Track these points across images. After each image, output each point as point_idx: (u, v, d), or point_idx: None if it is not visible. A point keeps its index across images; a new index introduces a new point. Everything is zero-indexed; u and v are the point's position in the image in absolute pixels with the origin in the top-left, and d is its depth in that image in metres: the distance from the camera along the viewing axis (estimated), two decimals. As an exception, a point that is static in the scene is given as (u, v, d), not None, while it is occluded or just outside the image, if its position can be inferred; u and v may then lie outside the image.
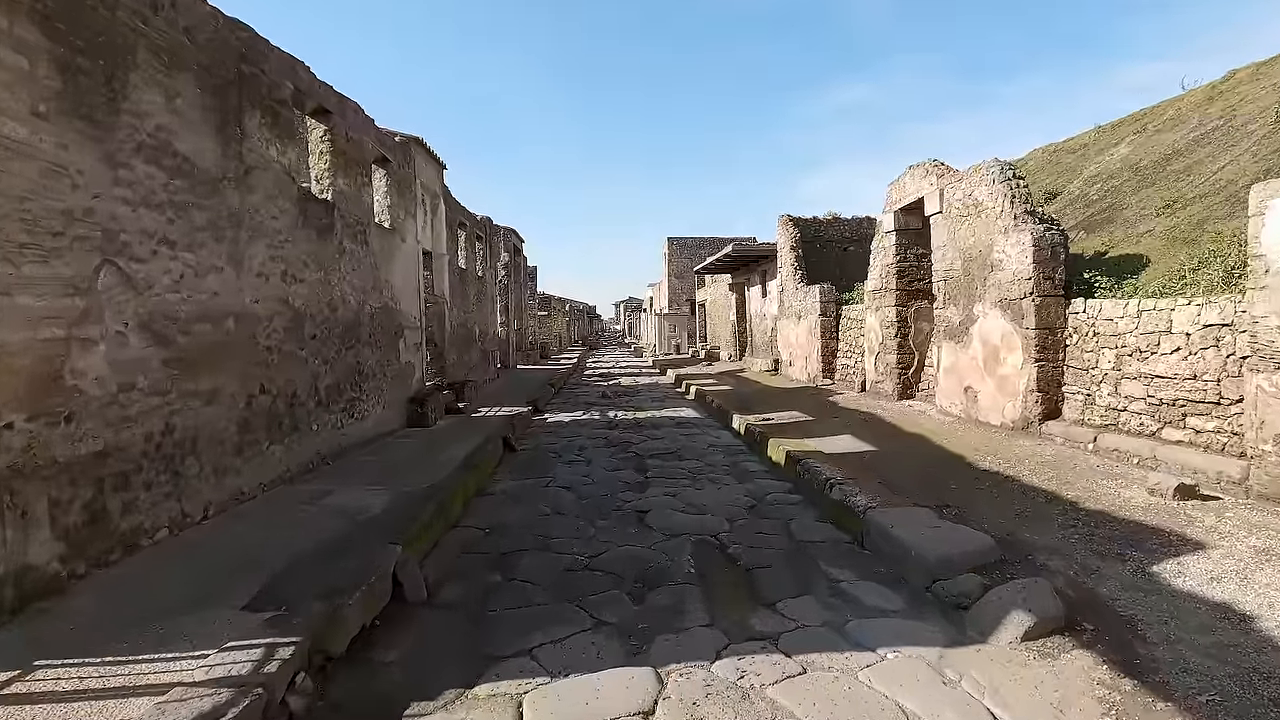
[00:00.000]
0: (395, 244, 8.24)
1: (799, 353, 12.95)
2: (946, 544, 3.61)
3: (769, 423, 8.10)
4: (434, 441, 7.39)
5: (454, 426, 8.50)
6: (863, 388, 9.88)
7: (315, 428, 5.87)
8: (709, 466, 6.50)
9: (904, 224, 8.69)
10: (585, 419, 10.04)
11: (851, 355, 11.00)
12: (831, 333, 11.61)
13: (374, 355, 7.41)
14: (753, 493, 5.48)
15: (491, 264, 15.31)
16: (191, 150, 4.18)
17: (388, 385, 7.82)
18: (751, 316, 17.95)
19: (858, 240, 14.86)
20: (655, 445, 7.66)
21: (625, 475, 6.18)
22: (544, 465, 6.74)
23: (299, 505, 4.61)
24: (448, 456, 6.50)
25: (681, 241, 33.31)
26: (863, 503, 4.41)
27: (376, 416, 7.42)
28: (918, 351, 8.70)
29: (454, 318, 11.48)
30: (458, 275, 11.95)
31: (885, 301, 9.00)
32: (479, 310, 13.72)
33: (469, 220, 13.02)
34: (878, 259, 9.26)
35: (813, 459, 5.78)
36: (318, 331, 5.95)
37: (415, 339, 8.98)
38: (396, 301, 8.22)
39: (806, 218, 14.55)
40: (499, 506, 5.25)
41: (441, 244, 10.72)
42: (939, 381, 7.62)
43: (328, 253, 6.19)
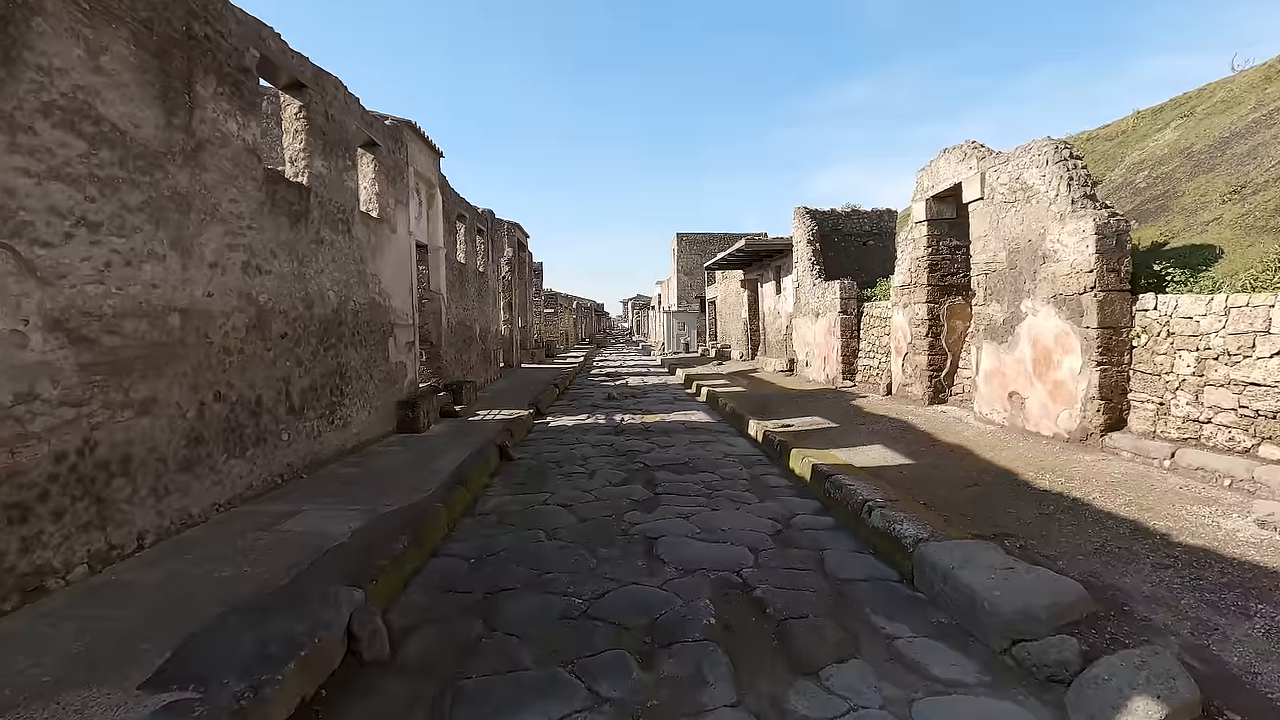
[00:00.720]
0: (384, 235, 7.62)
1: (817, 352, 12.26)
2: (1024, 592, 2.94)
3: (789, 429, 7.43)
4: (424, 450, 6.77)
5: (448, 432, 7.88)
6: (888, 391, 9.18)
7: (287, 437, 5.25)
8: (725, 481, 5.84)
9: (937, 213, 7.98)
10: (590, 423, 9.40)
11: (875, 356, 10.30)
12: (852, 332, 10.91)
13: (359, 355, 6.79)
14: (777, 514, 4.82)
15: (494, 259, 14.69)
16: (123, 118, 3.55)
17: (375, 388, 7.21)
18: (765, 314, 17.24)
19: (878, 234, 14.15)
20: (665, 455, 7.01)
21: (632, 491, 5.53)
22: (542, 478, 6.10)
23: (255, 531, 3.98)
24: (437, 467, 5.88)
25: (691, 237, 32.59)
26: (911, 533, 3.75)
27: (362, 422, 6.81)
28: (951, 352, 8.00)
29: (451, 315, 10.86)
30: (456, 270, 11.33)
31: (915, 298, 8.30)
32: (479, 307, 13.10)
33: (469, 213, 12.40)
34: (906, 252, 8.56)
35: (843, 474, 5.11)
36: (289, 330, 5.34)
37: (407, 338, 8.37)
38: (386, 297, 7.60)
39: (824, 210, 13.83)
40: (489, 530, 4.61)
41: (438, 237, 10.10)
42: (978, 386, 6.92)
43: (302, 242, 5.57)
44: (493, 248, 14.58)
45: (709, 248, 30.77)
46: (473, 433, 7.86)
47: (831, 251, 13.59)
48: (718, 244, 29.46)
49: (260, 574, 3.32)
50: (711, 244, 31.14)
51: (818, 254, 12.61)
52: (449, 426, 8.34)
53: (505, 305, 17.71)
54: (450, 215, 10.99)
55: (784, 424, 7.71)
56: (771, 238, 14.32)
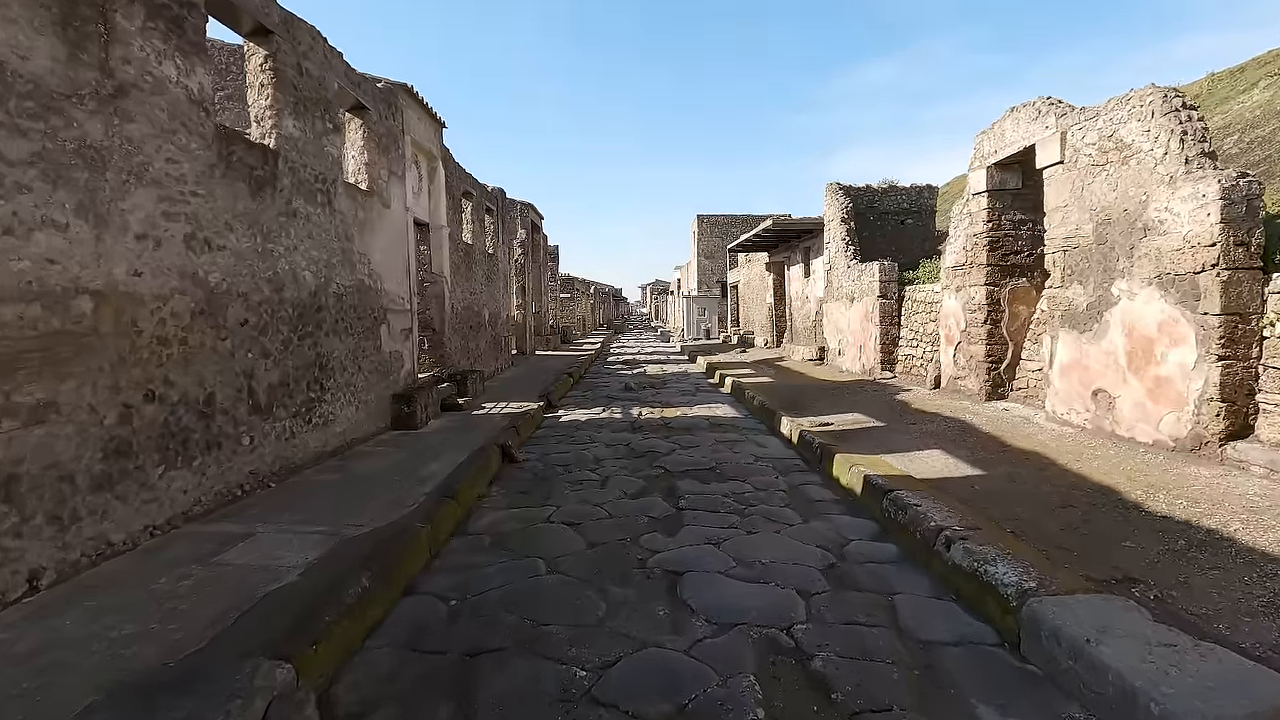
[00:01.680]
0: (375, 210, 6.83)
1: (851, 340, 11.32)
2: (1207, 690, 2.09)
3: (828, 429, 6.57)
4: (417, 451, 6.02)
5: (447, 429, 7.13)
6: (936, 384, 8.26)
7: (250, 441, 4.51)
8: (759, 493, 5.01)
9: (999, 182, 6.99)
10: (604, 418, 8.61)
11: (919, 344, 9.35)
12: (893, 318, 9.96)
13: (343, 345, 6.04)
14: (826, 539, 3.98)
15: (504, 240, 13.89)
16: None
17: (365, 381, 6.46)
18: (791, 299, 16.28)
19: (916, 211, 13.10)
20: (688, 457, 6.19)
21: (651, 505, 4.73)
22: (548, 486, 5.32)
23: (187, 564, 3.24)
24: (427, 474, 5.13)
25: (712, 219, 31.52)
26: (1011, 579, 2.90)
27: (348, 420, 6.07)
28: (1012, 342, 7.05)
29: (457, 299, 10.10)
30: (462, 251, 10.55)
31: (971, 280, 7.34)
32: (489, 291, 12.33)
33: (476, 190, 11.60)
34: (960, 228, 7.59)
35: (904, 490, 4.26)
36: (252, 316, 4.58)
37: (404, 324, 7.61)
38: (377, 279, 6.84)
39: (859, 186, 12.81)
40: (479, 556, 3.84)
41: (440, 214, 9.31)
42: (1051, 381, 5.98)
43: (267, 214, 4.80)
44: (503, 229, 13.78)
45: (731, 230, 29.72)
46: (475, 430, 7.10)
47: (866, 231, 12.59)
48: (740, 226, 28.41)
49: (171, 632, 2.57)
50: (733, 226, 30.07)
51: (852, 233, 11.62)
52: (450, 422, 7.59)
53: (518, 289, 16.94)
54: (455, 192, 10.18)
55: (821, 422, 6.84)
56: (800, 217, 13.34)
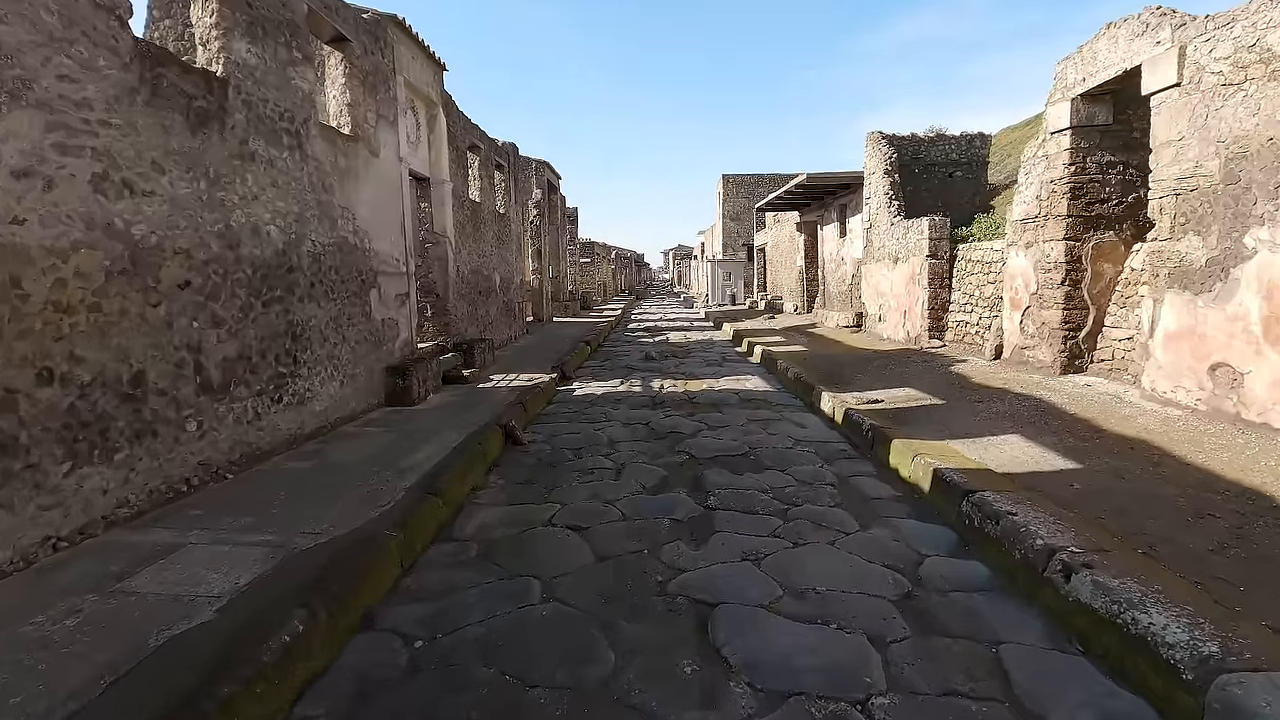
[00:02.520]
0: (360, 158, 6.02)
1: (894, 305, 10.33)
2: None
3: (877, 407, 5.71)
4: (408, 431, 5.31)
5: (447, 405, 6.42)
6: (997, 354, 7.30)
7: (197, 427, 3.80)
8: (803, 486, 4.20)
9: (1086, 117, 5.91)
10: (622, 392, 7.83)
11: (973, 309, 8.36)
12: (943, 280, 8.95)
13: (323, 311, 5.30)
14: (895, 555, 3.18)
15: (518, 200, 13.02)
16: None
17: (350, 352, 5.74)
18: (825, 260, 15.21)
19: (966, 163, 11.92)
20: (716, 441, 5.39)
21: (674, 503, 3.95)
22: (554, 475, 4.57)
23: (80, 594, 2.55)
24: (411, 463, 4.41)
25: (738, 179, 30.15)
26: (1181, 638, 2.08)
27: (331, 396, 5.36)
28: (1095, 305, 6.06)
29: (463, 261, 9.31)
30: (468, 210, 9.72)
31: (1047, 234, 6.32)
32: (499, 254, 11.52)
33: (484, 144, 10.70)
34: (1033, 174, 6.53)
35: (987, 489, 3.43)
36: (195, 277, 3.83)
37: (399, 288, 6.85)
38: (364, 238, 6.06)
39: (903, 135, 11.65)
40: (460, 574, 3.11)
41: (442, 168, 8.47)
42: (1152, 353, 5.02)
43: (214, 154, 4.01)
44: (516, 187, 12.90)
45: (757, 190, 28.39)
46: (477, 405, 6.37)
47: (910, 185, 11.47)
48: (767, 186, 27.07)
49: (19, 706, 1.87)
50: (760, 186, 28.72)
51: (896, 187, 10.53)
52: (451, 397, 6.87)
53: (534, 253, 16.11)
54: (459, 144, 9.31)
55: (869, 399, 5.98)
56: (836, 171, 12.23)
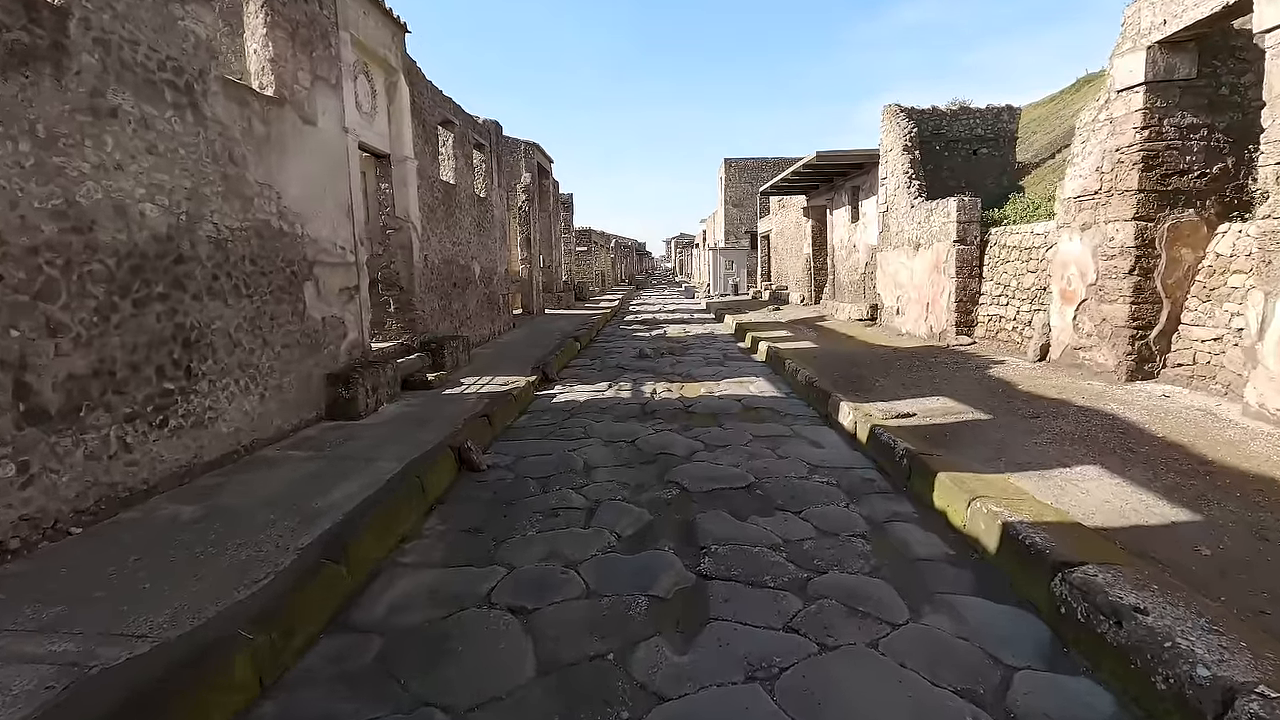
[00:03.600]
0: (289, 126, 5.02)
1: (914, 296, 9.31)
2: None
3: (909, 423, 4.73)
4: (340, 456, 4.36)
5: (399, 419, 5.46)
6: (1042, 355, 6.30)
7: (17, 469, 2.84)
8: (827, 539, 3.23)
9: (1164, 69, 4.86)
10: (609, 397, 6.86)
11: (1009, 302, 7.35)
12: (973, 268, 7.93)
13: (233, 311, 4.32)
14: (967, 670, 2.21)
15: (501, 183, 11.99)
16: None
17: (274, 359, 4.77)
18: (834, 248, 14.15)
19: (993, 139, 10.85)
20: (714, 467, 4.42)
21: (656, 565, 2.99)
22: (508, 520, 3.62)
23: None
24: (328, 503, 3.46)
25: (740, 164, 28.99)
26: None
27: (245, 414, 4.40)
28: (1169, 299, 5.06)
29: (432, 250, 8.32)
30: (440, 192, 8.71)
31: (1110, 213, 5.29)
32: (480, 241, 10.51)
33: (460, 119, 9.67)
34: (1093, 143, 5.49)
35: (1089, 564, 2.46)
36: (12, 269, 2.85)
37: (344, 281, 5.87)
38: (295, 221, 5.07)
39: (923, 108, 10.58)
40: (337, 703, 2.15)
41: (405, 143, 7.45)
42: (1263, 360, 4.01)
43: (48, 108, 3.02)
44: (499, 169, 11.87)
45: (760, 175, 27.24)
46: (434, 420, 5.42)
47: (931, 163, 10.42)
48: (770, 170, 25.93)
49: None
50: (764, 170, 27.57)
51: (917, 165, 9.48)
52: (407, 407, 5.91)
53: (523, 241, 15.09)
54: (426, 118, 8.28)
55: (897, 412, 4.99)
56: (848, 149, 11.18)
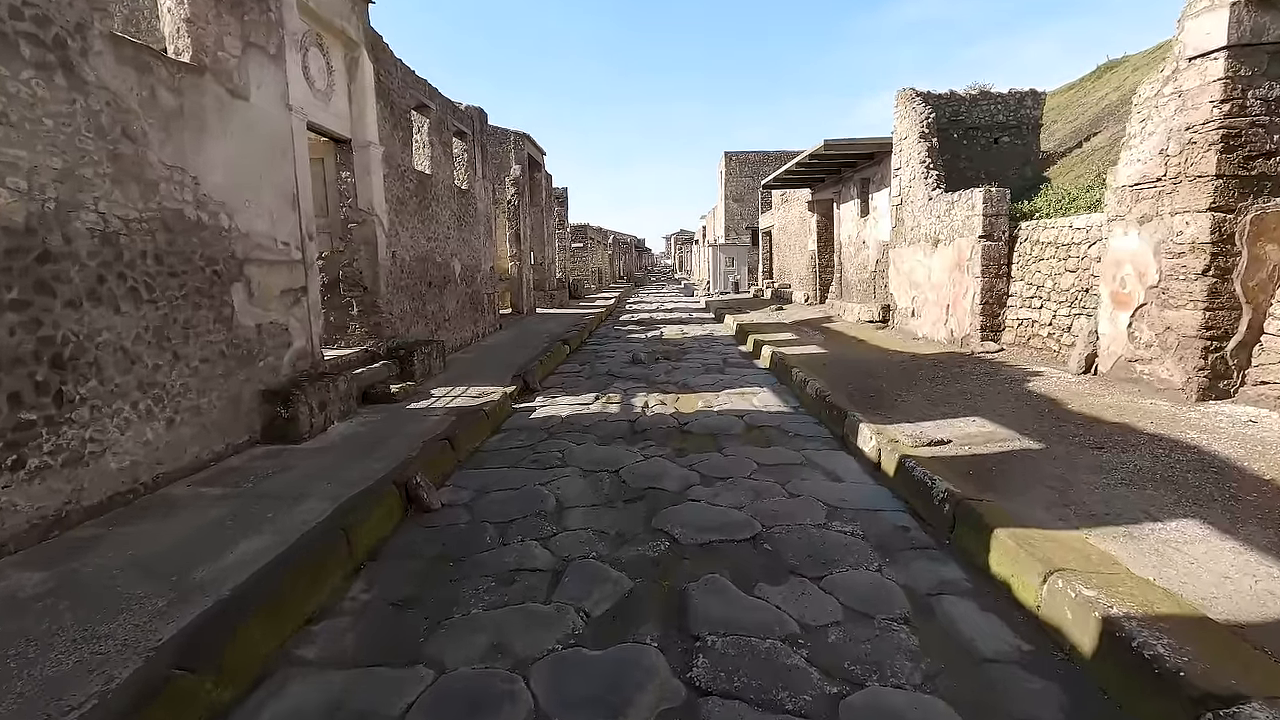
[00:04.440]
0: (211, 100, 4.25)
1: (932, 297, 8.54)
2: None
3: (944, 452, 3.97)
4: (259, 495, 3.61)
5: (347, 442, 4.70)
6: (1088, 366, 5.53)
7: None
8: (860, 625, 2.48)
9: (1251, 30, 4.06)
10: (594, 412, 6.09)
11: (1042, 305, 6.58)
12: (1000, 267, 7.16)
13: (129, 319, 3.56)
14: None
15: (486, 175, 11.21)
16: None
17: (190, 374, 4.01)
18: (842, 244, 13.36)
19: (1016, 126, 10.07)
20: (711, 508, 3.67)
21: (632, 676, 2.23)
22: (451, 587, 2.87)
23: None
24: (222, 568, 2.74)
25: (741, 157, 28.16)
26: None
27: (145, 444, 3.64)
28: (1251, 304, 4.28)
29: (402, 246, 7.54)
30: (412, 183, 7.94)
31: (1177, 202, 4.52)
32: (461, 237, 9.74)
33: (436, 104, 8.88)
34: (1155, 121, 4.71)
35: (1255, 701, 1.67)
36: None
37: (287, 282, 5.10)
38: (219, 212, 4.31)
39: (940, 93, 9.78)
40: None
41: (368, 128, 6.67)
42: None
43: None
44: (484, 160, 11.08)
45: (762, 169, 26.44)
46: (391, 439, 4.67)
47: (947, 153, 9.64)
48: (772, 164, 25.14)
49: None
50: (765, 164, 26.77)
51: (935, 154, 8.70)
52: (360, 425, 5.15)
53: (512, 237, 14.31)
54: (394, 99, 7.50)
55: (929, 437, 4.23)
56: (858, 138, 10.39)
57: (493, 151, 14.90)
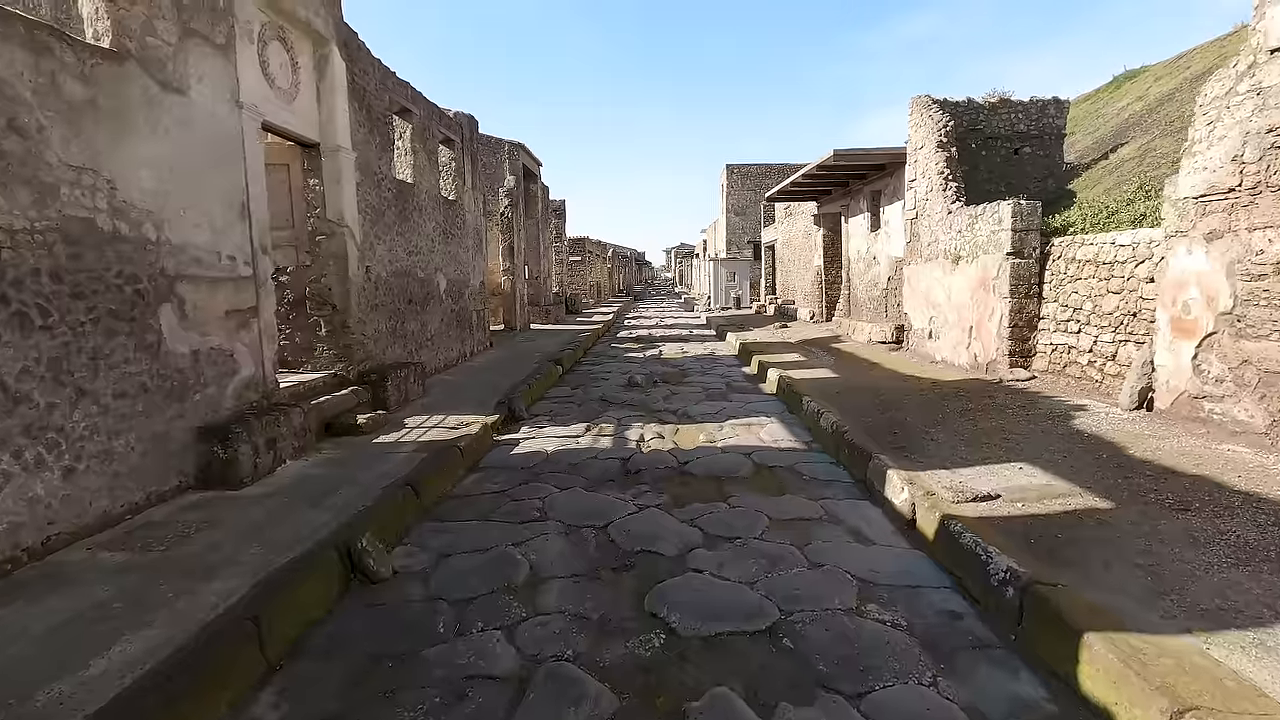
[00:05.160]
0: (139, 92, 3.66)
1: (952, 318, 7.92)
2: None
3: (994, 511, 3.33)
4: (169, 563, 2.97)
5: (294, 487, 4.06)
6: (1142, 401, 4.90)
7: None
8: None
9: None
10: (583, 448, 5.45)
11: (1080, 330, 5.96)
12: (1030, 287, 6.55)
13: (15, 350, 2.94)
14: None
15: (477, 185, 10.64)
16: None
17: (102, 413, 3.38)
18: (850, 259, 12.77)
19: (1038, 136, 9.50)
20: (717, 581, 3.03)
21: None
22: (383, 703, 2.21)
23: None
24: (80, 682, 2.06)
25: (743, 170, 27.68)
26: None
27: (35, 501, 3.01)
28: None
29: (378, 261, 6.94)
30: (392, 192, 7.35)
31: (1258, 217, 3.88)
32: (446, 250, 9.14)
33: (419, 109, 8.31)
34: (1226, 124, 4.10)
35: None
36: None
37: (233, 301, 4.48)
38: (142, 222, 3.70)
39: (957, 100, 9.23)
40: None
41: (340, 131, 6.09)
42: None
43: None
44: (474, 169, 10.51)
45: (765, 182, 25.96)
46: (346, 484, 4.03)
47: (965, 164, 9.07)
48: (775, 177, 24.65)
49: None
50: (768, 177, 26.28)
51: (954, 164, 8.12)
52: (314, 467, 4.51)
53: (505, 250, 13.73)
54: (370, 101, 6.93)
55: (973, 490, 3.59)
56: (870, 148, 9.83)
57: (486, 161, 14.36)
